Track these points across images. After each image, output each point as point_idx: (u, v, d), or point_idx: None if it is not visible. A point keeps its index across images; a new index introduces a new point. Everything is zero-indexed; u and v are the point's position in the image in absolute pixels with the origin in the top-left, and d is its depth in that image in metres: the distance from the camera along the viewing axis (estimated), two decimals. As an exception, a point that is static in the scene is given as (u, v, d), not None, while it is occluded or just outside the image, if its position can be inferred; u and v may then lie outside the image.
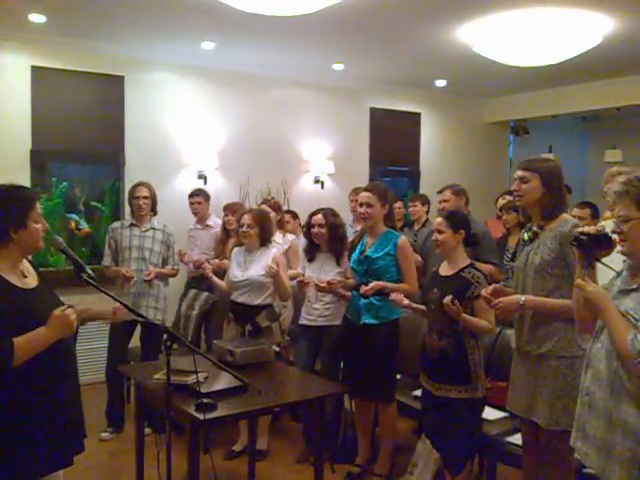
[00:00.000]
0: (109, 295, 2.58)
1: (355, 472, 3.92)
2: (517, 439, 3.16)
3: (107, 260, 4.70)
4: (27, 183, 5.44)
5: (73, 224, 5.85)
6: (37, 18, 4.92)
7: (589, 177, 9.02)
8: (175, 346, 2.59)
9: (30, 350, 2.17)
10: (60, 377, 2.38)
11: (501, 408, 3.36)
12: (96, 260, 5.14)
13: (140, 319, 2.90)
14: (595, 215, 4.65)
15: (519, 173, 2.93)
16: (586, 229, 2.25)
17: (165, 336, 2.48)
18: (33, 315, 2.25)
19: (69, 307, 2.27)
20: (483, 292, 2.97)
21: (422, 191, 7.21)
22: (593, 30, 4.93)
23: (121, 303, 2.77)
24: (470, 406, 3.18)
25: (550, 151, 8.40)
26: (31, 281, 2.36)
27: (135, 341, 4.80)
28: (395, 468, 3.90)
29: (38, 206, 2.36)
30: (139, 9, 4.78)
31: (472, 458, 3.38)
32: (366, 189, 3.88)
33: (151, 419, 4.27)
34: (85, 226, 5.90)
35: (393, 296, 3.48)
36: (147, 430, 3.91)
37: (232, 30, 5.31)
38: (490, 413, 3.43)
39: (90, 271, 2.50)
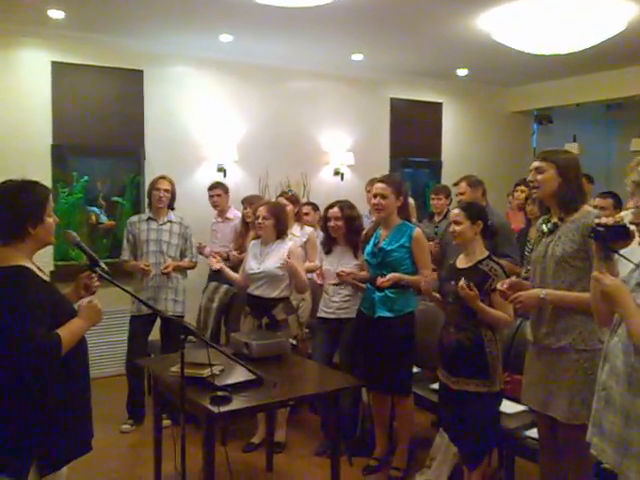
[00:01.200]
0: (123, 289, 2.60)
1: (373, 465, 3.91)
2: (535, 433, 3.11)
3: (125, 254, 4.73)
4: (48, 177, 5.51)
5: (94, 218, 5.91)
6: (56, 14, 4.95)
7: (614, 166, 8.85)
8: (193, 339, 2.61)
9: (72, 341, 2.26)
10: (81, 369, 2.41)
11: (520, 401, 3.31)
12: (117, 253, 5.17)
13: (155, 312, 2.92)
14: (618, 205, 4.55)
15: (535, 164, 2.88)
16: (603, 220, 2.19)
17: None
18: (62, 306, 2.32)
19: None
20: (499, 286, 2.93)
21: (444, 182, 7.14)
22: (617, 16, 4.81)
23: (135, 297, 2.80)
24: (488, 400, 3.15)
25: (574, 140, 8.25)
26: (45, 275, 2.39)
27: (156, 334, 4.83)
28: (413, 461, 3.88)
29: (51, 200, 2.37)
30: (157, 3, 4.79)
31: (490, 452, 3.34)
32: (380, 180, 3.84)
33: (171, 411, 4.30)
34: (105, 220, 5.96)
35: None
36: (167, 422, 3.93)
37: (250, 22, 5.29)
38: (508, 406, 3.39)
39: (104, 265, 2.52)
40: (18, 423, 2.18)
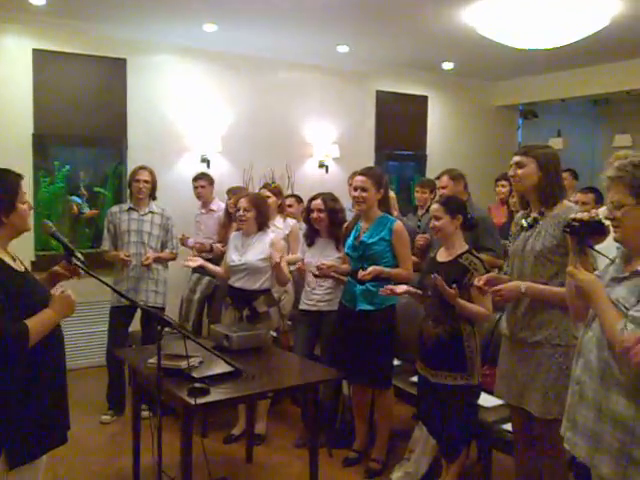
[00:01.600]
0: (100, 280, 2.57)
1: (352, 457, 3.93)
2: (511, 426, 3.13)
3: (106, 244, 4.70)
4: (29, 167, 5.46)
5: (75, 207, 5.86)
6: (37, 1, 4.88)
7: (598, 162, 8.90)
8: (170, 330, 2.60)
9: (41, 332, 2.22)
10: (54, 360, 2.37)
11: (495, 394, 3.33)
12: (99, 243, 5.14)
13: (130, 302, 2.90)
14: (599, 201, 4.59)
15: (516, 159, 2.90)
16: (579, 215, 2.21)
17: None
18: (33, 297, 2.28)
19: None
20: (475, 281, 2.95)
21: (429, 176, 7.14)
22: (601, 11, 4.82)
23: (112, 288, 2.77)
24: (466, 393, 3.18)
25: (559, 135, 8.30)
26: (19, 265, 2.36)
27: (137, 325, 4.81)
28: (393, 454, 3.89)
29: (23, 186, 2.34)
30: (139, -10, 4.74)
31: (468, 445, 3.36)
32: (361, 173, 3.83)
33: (150, 402, 4.28)
34: (87, 210, 5.91)
35: (381, 291, 3.44)
36: (147, 413, 3.92)
37: (234, 12, 5.25)
38: (487, 400, 3.41)
39: (80, 255, 2.50)
40: None
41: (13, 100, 5.44)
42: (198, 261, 4.22)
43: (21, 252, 2.49)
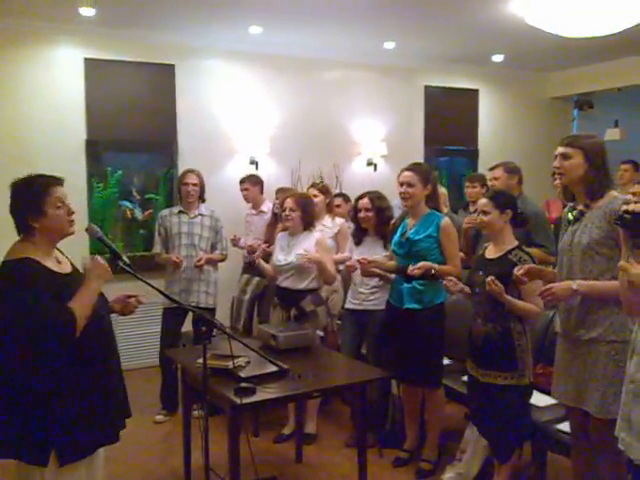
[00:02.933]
0: (146, 283, 2.60)
1: (403, 457, 3.88)
2: (567, 426, 3.03)
3: (157, 247, 4.80)
4: (83, 173, 5.64)
5: (129, 212, 5.99)
6: (87, 11, 5.01)
7: (660, 152, 8.54)
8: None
9: (85, 308, 2.26)
10: (105, 356, 2.44)
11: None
12: (152, 246, 5.24)
13: (181, 306, 2.96)
14: (660, 192, 4.38)
15: (560, 150, 2.79)
16: (631, 207, 2.10)
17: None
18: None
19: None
20: (515, 271, 2.85)
21: (480, 171, 7.00)
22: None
23: (158, 290, 2.81)
24: (516, 393, 3.09)
25: (616, 125, 7.99)
26: (65, 267, 2.41)
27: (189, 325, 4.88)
28: (444, 454, 3.83)
29: (58, 191, 2.34)
30: (186, -4, 4.81)
31: (521, 446, 3.27)
32: (407, 168, 3.77)
33: (200, 402, 4.34)
34: (140, 214, 6.03)
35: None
36: (199, 413, 3.96)
37: (279, 13, 5.27)
38: (540, 399, 3.32)
39: (126, 259, 2.53)
40: (36, 412, 2.21)
41: (66, 108, 5.61)
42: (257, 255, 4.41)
43: (76, 256, 2.54)
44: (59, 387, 2.24)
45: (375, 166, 7.10)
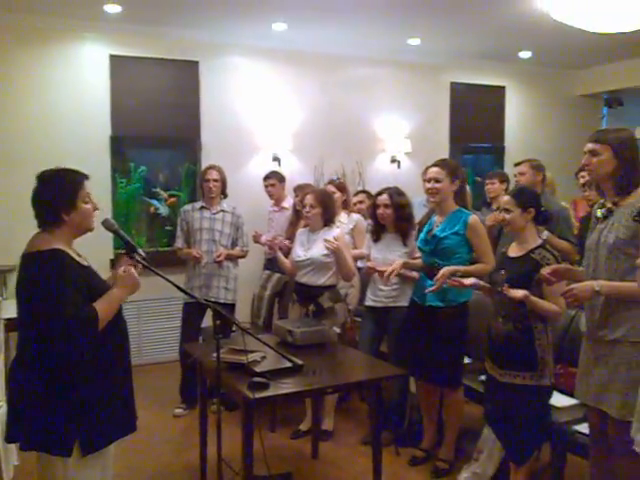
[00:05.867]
0: (161, 276, 2.59)
1: (420, 456, 3.85)
2: (586, 428, 2.97)
3: (179, 242, 4.83)
4: (108, 168, 5.71)
5: (153, 209, 6.05)
6: (112, 8, 5.08)
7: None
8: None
9: (109, 311, 2.32)
10: (120, 351, 2.47)
11: (573, 395, 3.16)
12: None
13: (195, 299, 2.97)
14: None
15: (589, 146, 2.71)
16: (651, 203, 2.05)
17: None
18: (97, 290, 2.36)
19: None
20: (542, 271, 2.80)
21: (507, 169, 6.91)
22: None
23: (174, 285, 2.82)
24: (536, 394, 3.03)
25: (647, 123, 7.82)
26: (84, 260, 2.44)
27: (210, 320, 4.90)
28: (461, 454, 3.79)
29: (87, 186, 2.40)
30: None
31: (539, 447, 3.22)
32: (434, 164, 3.74)
33: (217, 396, 4.36)
34: (165, 211, 6.07)
35: (449, 282, 3.31)
36: (215, 407, 3.98)
37: (302, 10, 5.28)
38: (560, 400, 3.26)
39: (142, 252, 2.54)
40: (61, 403, 2.24)
41: (92, 104, 5.69)
42: (275, 246, 4.45)
43: (100, 251, 2.57)
44: (85, 377, 2.28)
45: (399, 163, 7.06)
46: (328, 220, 4.10)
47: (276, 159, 6.42)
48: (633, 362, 2.59)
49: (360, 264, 4.55)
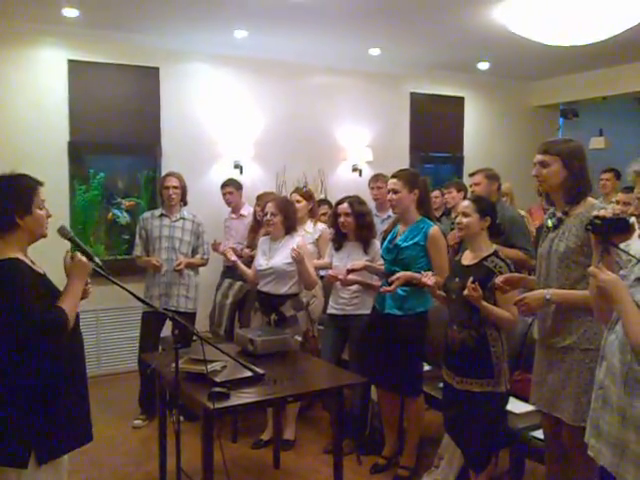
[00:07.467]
0: (119, 285, 2.57)
1: (381, 464, 3.87)
2: (542, 433, 3.02)
3: (138, 250, 4.76)
4: (65, 174, 5.61)
5: (111, 215, 5.95)
6: (70, 12, 4.99)
7: (644, 161, 8.57)
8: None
9: (74, 305, 2.32)
10: (76, 360, 2.44)
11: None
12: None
13: (152, 308, 2.93)
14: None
15: (539, 157, 2.78)
16: (601, 212, 2.10)
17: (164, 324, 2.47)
18: (52, 297, 2.33)
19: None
20: (497, 280, 2.85)
21: (466, 178, 7.01)
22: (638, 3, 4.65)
23: (130, 293, 2.78)
24: (492, 400, 3.06)
25: (601, 134, 8.06)
26: (38, 267, 2.40)
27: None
28: (422, 461, 3.81)
29: (41, 192, 2.39)
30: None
31: (497, 454, 3.26)
32: (392, 175, 3.77)
33: (176, 407, 4.30)
34: (122, 218, 5.99)
35: (382, 290, 3.37)
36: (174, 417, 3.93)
37: (264, 17, 5.27)
38: (518, 406, 3.30)
39: (99, 261, 2.51)
40: (17, 413, 2.20)
41: (50, 109, 5.57)
42: (235, 257, 4.36)
43: (58, 261, 2.53)
44: (44, 386, 2.25)
45: (360, 172, 7.10)
46: (290, 228, 4.10)
47: (237, 166, 6.39)
48: (585, 368, 2.65)
49: (322, 273, 4.56)
